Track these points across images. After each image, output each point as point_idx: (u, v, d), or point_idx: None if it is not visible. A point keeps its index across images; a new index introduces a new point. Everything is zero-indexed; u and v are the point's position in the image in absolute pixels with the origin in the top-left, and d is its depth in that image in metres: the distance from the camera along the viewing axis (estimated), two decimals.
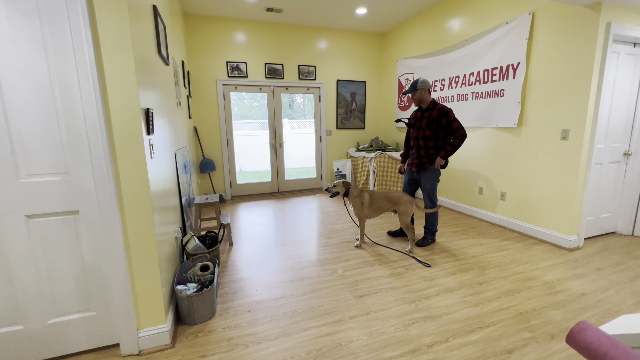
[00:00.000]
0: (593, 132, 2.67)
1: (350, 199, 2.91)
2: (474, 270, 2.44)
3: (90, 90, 1.37)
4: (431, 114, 2.70)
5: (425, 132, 2.74)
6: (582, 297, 2.06)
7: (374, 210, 2.88)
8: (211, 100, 4.69)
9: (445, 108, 2.66)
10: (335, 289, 2.20)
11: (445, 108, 2.65)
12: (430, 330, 1.75)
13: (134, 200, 1.52)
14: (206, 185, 4.87)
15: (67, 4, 1.30)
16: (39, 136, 1.36)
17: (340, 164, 5.29)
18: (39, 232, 1.43)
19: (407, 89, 2.80)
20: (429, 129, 2.71)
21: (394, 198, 2.83)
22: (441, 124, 2.66)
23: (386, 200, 2.85)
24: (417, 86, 2.69)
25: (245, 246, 3.03)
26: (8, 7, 1.24)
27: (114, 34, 1.37)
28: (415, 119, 2.85)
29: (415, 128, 2.84)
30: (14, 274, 1.42)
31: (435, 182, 2.84)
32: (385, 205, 2.86)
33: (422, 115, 2.77)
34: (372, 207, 2.87)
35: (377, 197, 2.87)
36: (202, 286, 1.92)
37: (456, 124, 2.64)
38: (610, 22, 2.52)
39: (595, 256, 2.68)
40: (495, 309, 1.94)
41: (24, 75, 1.30)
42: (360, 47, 5.38)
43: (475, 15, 3.54)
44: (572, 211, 2.78)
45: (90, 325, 1.57)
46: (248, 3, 4.02)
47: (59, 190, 1.42)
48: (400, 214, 2.80)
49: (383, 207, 2.87)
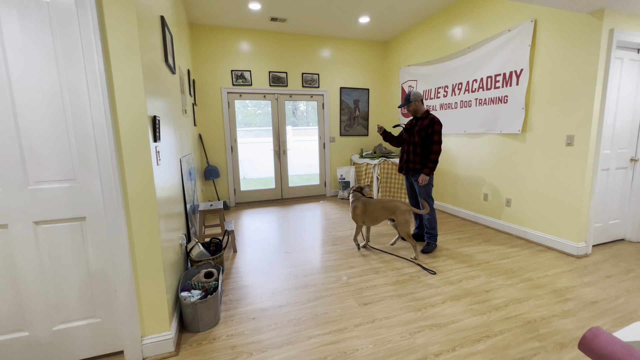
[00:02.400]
0: (599, 138, 2.66)
1: (351, 204, 2.98)
2: (480, 278, 2.41)
3: (99, 99, 1.39)
4: (423, 122, 2.86)
5: (416, 139, 2.89)
6: (592, 306, 2.02)
7: (370, 219, 2.88)
8: (216, 108, 4.75)
9: (435, 119, 2.81)
10: (339, 297, 2.18)
11: (436, 119, 2.81)
12: (436, 339, 1.72)
13: (140, 207, 1.53)
14: (210, 192, 4.89)
15: (78, 15, 1.33)
16: (48, 143, 1.38)
17: (343, 171, 5.29)
18: (46, 238, 1.44)
19: (402, 102, 3.03)
20: (419, 136, 2.87)
21: (390, 208, 2.80)
22: (427, 132, 2.82)
23: (383, 210, 2.82)
24: (411, 99, 2.89)
25: (249, 253, 3.02)
26: (21, 18, 1.28)
27: (123, 44, 1.40)
28: (410, 125, 3.02)
29: (409, 133, 3.00)
30: (21, 280, 1.43)
31: (428, 187, 2.92)
32: (382, 214, 2.83)
33: (416, 123, 2.94)
34: (368, 216, 2.88)
35: (372, 207, 2.86)
36: (207, 293, 1.91)
37: (436, 137, 2.79)
38: (613, 28, 2.53)
39: (605, 263, 2.64)
40: (503, 318, 1.91)
41: (35, 84, 1.33)
42: (363, 55, 5.44)
43: (478, 23, 3.57)
44: (580, 218, 2.74)
45: (94, 332, 1.57)
46: (253, 13, 4.10)
47: (67, 197, 1.44)
48: (399, 224, 2.78)
49: (379, 217, 2.85)
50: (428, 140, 2.83)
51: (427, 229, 2.97)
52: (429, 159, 2.83)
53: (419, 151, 2.88)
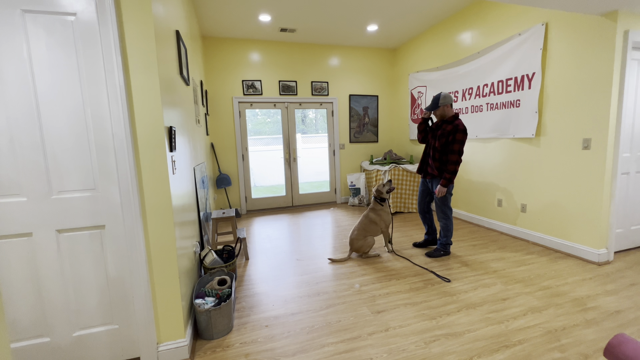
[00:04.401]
0: (617, 141, 2.59)
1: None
2: (497, 286, 2.35)
3: (118, 111, 1.45)
4: (447, 127, 2.70)
5: (436, 144, 2.78)
6: (616, 315, 1.94)
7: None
8: (227, 117, 4.84)
9: (460, 126, 2.63)
10: (352, 305, 2.16)
11: (460, 126, 2.63)
12: (453, 348, 1.69)
13: (156, 215, 1.57)
14: (222, 200, 4.96)
15: (100, 31, 1.40)
16: (71, 154, 1.44)
17: (354, 178, 5.29)
18: (67, 246, 1.49)
19: (429, 105, 2.81)
20: (439, 142, 2.74)
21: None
22: (448, 140, 2.68)
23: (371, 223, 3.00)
24: (440, 103, 2.69)
25: (261, 260, 3.04)
26: (48, 38, 1.35)
27: (142, 58, 1.46)
28: (436, 126, 2.87)
29: (431, 136, 2.89)
30: (44, 286, 1.48)
31: (446, 196, 2.82)
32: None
33: (440, 126, 2.79)
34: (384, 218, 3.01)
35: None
36: (220, 300, 1.93)
37: (457, 146, 2.63)
38: (628, 29, 2.48)
39: (628, 271, 2.53)
40: (522, 327, 1.85)
41: (59, 98, 1.40)
42: (372, 62, 5.47)
43: (487, 28, 3.56)
44: (599, 223, 2.66)
45: (112, 339, 1.60)
46: (263, 24, 4.20)
47: (88, 206, 1.49)
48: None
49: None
50: (448, 147, 2.68)
51: (440, 236, 2.94)
52: (446, 168, 2.68)
53: (437, 157, 2.76)
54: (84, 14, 1.39)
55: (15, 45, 1.32)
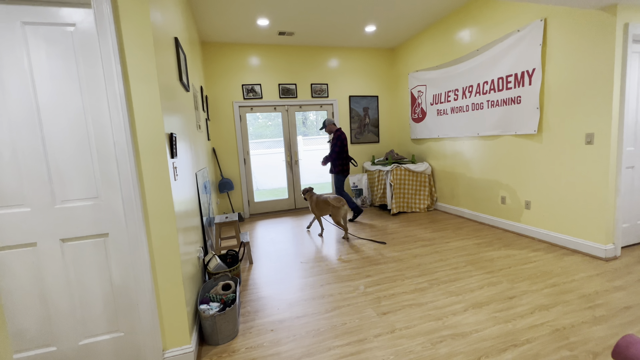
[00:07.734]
0: (620, 135, 2.56)
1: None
2: (503, 284, 2.33)
3: (119, 119, 1.46)
4: (333, 138, 4.15)
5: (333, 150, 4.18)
6: (625, 311, 1.91)
7: (319, 210, 3.76)
8: (228, 122, 4.86)
9: (336, 134, 4.11)
10: (357, 307, 2.15)
11: (336, 134, 4.10)
12: (460, 348, 1.67)
13: (159, 222, 1.57)
14: (225, 205, 4.96)
15: (99, 41, 1.41)
16: (73, 164, 1.45)
17: (356, 179, 5.28)
18: (72, 255, 1.50)
19: (320, 126, 4.47)
20: (332, 148, 4.16)
21: (330, 202, 3.62)
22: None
23: (325, 204, 3.69)
24: (326, 123, 4.20)
25: (265, 264, 3.03)
26: (48, 49, 1.37)
27: (141, 66, 1.47)
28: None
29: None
30: (49, 296, 1.49)
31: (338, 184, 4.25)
32: (326, 207, 3.68)
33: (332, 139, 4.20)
34: (317, 208, 3.77)
35: (319, 201, 3.76)
36: (225, 305, 1.92)
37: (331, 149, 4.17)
38: (628, 22, 2.46)
39: (636, 266, 2.50)
40: (529, 325, 1.83)
41: (61, 108, 1.41)
42: (371, 63, 5.47)
43: (485, 25, 3.55)
44: (605, 218, 2.63)
45: (118, 346, 1.60)
46: (261, 29, 4.21)
47: (91, 214, 1.50)
48: (333, 215, 3.63)
49: (324, 209, 3.71)
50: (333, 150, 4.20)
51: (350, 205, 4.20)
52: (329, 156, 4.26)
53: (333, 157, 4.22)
54: (83, 24, 1.40)
55: (16, 56, 1.34)
